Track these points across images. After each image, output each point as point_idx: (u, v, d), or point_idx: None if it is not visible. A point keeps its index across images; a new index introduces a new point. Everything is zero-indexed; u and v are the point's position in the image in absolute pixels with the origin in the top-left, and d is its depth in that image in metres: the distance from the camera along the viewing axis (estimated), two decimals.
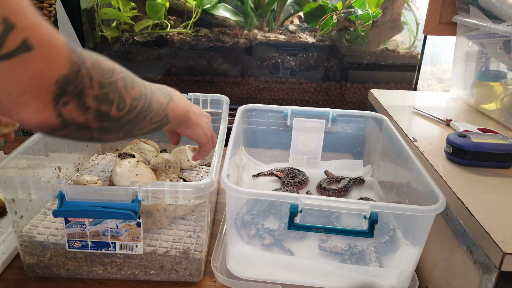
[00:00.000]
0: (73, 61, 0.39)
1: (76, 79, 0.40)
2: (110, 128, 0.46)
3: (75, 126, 0.42)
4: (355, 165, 0.94)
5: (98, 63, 0.43)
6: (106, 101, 0.44)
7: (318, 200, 0.56)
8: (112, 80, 0.45)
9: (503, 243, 0.50)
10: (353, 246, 0.64)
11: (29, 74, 0.36)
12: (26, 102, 0.37)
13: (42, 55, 0.36)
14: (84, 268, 0.63)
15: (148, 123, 0.53)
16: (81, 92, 0.41)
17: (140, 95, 0.49)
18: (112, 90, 0.44)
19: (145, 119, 0.51)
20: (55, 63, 0.38)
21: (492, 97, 0.98)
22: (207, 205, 0.63)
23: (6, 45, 0.34)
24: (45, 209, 0.71)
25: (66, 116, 0.40)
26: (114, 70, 0.45)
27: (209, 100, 0.91)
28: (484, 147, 0.71)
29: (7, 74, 0.35)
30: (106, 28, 1.31)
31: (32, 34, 0.36)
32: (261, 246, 0.66)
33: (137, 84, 0.49)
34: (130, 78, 0.48)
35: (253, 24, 1.34)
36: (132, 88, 0.48)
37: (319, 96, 1.35)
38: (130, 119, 0.48)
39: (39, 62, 0.36)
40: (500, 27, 0.86)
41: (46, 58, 0.37)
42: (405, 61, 1.31)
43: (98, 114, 0.43)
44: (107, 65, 0.44)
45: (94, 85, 0.42)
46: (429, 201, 0.58)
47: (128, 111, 0.47)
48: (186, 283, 0.64)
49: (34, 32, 0.36)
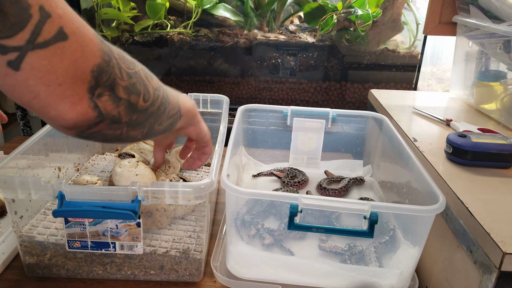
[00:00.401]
0: (104, 51, 0.39)
1: (108, 69, 0.40)
2: (137, 122, 0.46)
3: (109, 120, 0.41)
4: (355, 165, 0.94)
5: (122, 53, 0.43)
6: (134, 92, 0.43)
7: (318, 200, 0.56)
8: (136, 70, 0.45)
9: (503, 243, 0.50)
10: (353, 246, 0.64)
11: (66, 63, 0.36)
12: (64, 93, 0.36)
13: (77, 44, 0.36)
14: (84, 268, 0.63)
15: (166, 117, 0.52)
16: (113, 83, 0.40)
17: (159, 86, 0.49)
18: (138, 81, 0.44)
19: (165, 112, 0.51)
20: (89, 52, 0.37)
21: (492, 97, 0.98)
22: (207, 205, 0.63)
23: (43, 33, 0.34)
24: (45, 209, 0.71)
25: (101, 107, 0.40)
26: (134, 62, 0.46)
27: (209, 100, 0.91)
28: (484, 147, 0.71)
29: (45, 63, 0.35)
30: (106, 28, 1.31)
31: (66, 23, 0.35)
32: (261, 246, 0.66)
33: (154, 76, 0.49)
34: (147, 70, 0.48)
35: (253, 24, 1.34)
36: (152, 79, 0.48)
37: (319, 96, 1.35)
38: (153, 111, 0.48)
39: (74, 51, 0.36)
40: (500, 27, 0.86)
41: (81, 47, 0.37)
42: (405, 61, 1.31)
43: (128, 105, 0.43)
44: (129, 57, 0.45)
45: (123, 75, 0.42)
46: (429, 201, 0.58)
47: (152, 102, 0.47)
48: (186, 283, 0.64)
49: (68, 21, 0.36)
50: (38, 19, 0.33)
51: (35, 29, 0.33)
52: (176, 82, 1.36)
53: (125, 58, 0.43)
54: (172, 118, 0.55)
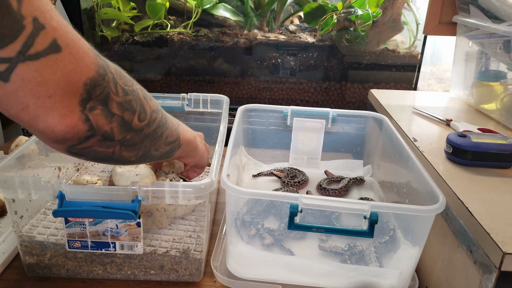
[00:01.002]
0: (100, 65, 0.39)
1: (102, 83, 0.39)
2: (132, 142, 0.45)
3: (101, 135, 0.41)
4: (355, 165, 0.94)
5: (119, 69, 0.43)
6: (129, 109, 0.43)
7: (318, 200, 0.56)
8: (133, 88, 0.44)
9: (503, 243, 0.50)
10: (353, 246, 0.64)
11: (58, 75, 0.35)
12: (54, 105, 0.36)
13: (71, 57, 0.36)
14: (84, 268, 0.63)
15: (164, 143, 0.52)
16: (107, 97, 0.40)
17: (157, 108, 0.48)
18: (134, 99, 0.44)
19: (162, 136, 0.50)
20: (83, 65, 0.37)
21: (492, 97, 0.98)
22: (207, 205, 0.63)
23: (35, 45, 0.34)
24: (45, 209, 0.71)
25: (93, 121, 0.39)
26: (133, 80, 0.45)
27: (209, 100, 0.91)
28: (484, 147, 0.71)
29: (36, 75, 0.34)
30: (106, 28, 1.31)
31: (60, 36, 0.35)
32: (261, 246, 0.66)
33: (153, 98, 0.49)
34: (146, 91, 0.47)
35: (253, 24, 1.34)
36: (151, 100, 0.48)
37: (319, 96, 1.35)
38: (149, 132, 0.47)
39: (67, 64, 0.36)
40: (500, 27, 0.86)
41: (74, 60, 0.36)
42: (405, 61, 1.31)
43: (122, 122, 0.42)
44: (126, 74, 0.44)
45: (118, 91, 0.41)
46: (429, 201, 0.58)
47: (148, 122, 0.46)
48: (186, 283, 0.64)
49: (62, 33, 0.35)
50: (30, 31, 0.33)
51: (27, 41, 0.33)
52: (176, 82, 1.36)
53: (123, 75, 0.43)
54: (170, 146, 0.54)
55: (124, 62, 1.32)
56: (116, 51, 1.31)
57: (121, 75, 0.42)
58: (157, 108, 0.48)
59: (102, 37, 1.32)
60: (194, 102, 0.91)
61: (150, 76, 1.35)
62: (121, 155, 0.45)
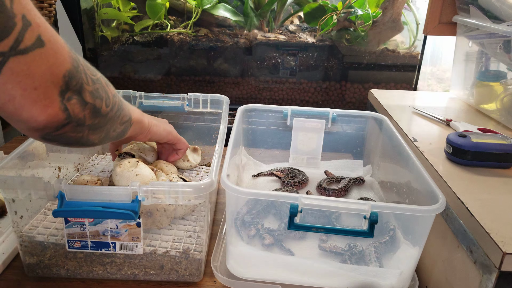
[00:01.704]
0: (73, 58, 0.42)
1: (77, 74, 0.42)
2: (98, 126, 0.48)
3: (75, 122, 0.44)
4: (355, 165, 0.94)
5: (85, 61, 0.46)
6: (98, 97, 0.46)
7: (318, 200, 0.56)
8: (98, 77, 0.48)
9: (503, 243, 0.50)
10: (353, 246, 0.64)
11: (43, 68, 0.38)
12: (38, 97, 0.39)
13: (52, 51, 0.39)
14: (84, 268, 0.63)
15: (119, 123, 0.55)
16: (81, 87, 0.43)
17: (115, 92, 0.52)
18: (100, 86, 0.47)
19: (119, 117, 0.54)
20: (62, 58, 0.40)
21: (492, 97, 0.98)
22: (207, 205, 0.63)
23: (24, 40, 0.36)
24: (45, 209, 0.71)
25: (70, 110, 0.42)
26: (95, 69, 0.48)
27: (209, 100, 0.91)
28: (484, 147, 0.71)
29: (25, 68, 0.37)
30: (106, 28, 1.31)
31: (43, 31, 0.38)
32: (261, 246, 0.66)
33: (109, 83, 0.52)
34: (105, 77, 0.51)
35: (253, 24, 1.34)
36: (110, 85, 0.51)
37: (319, 96, 1.35)
38: (112, 116, 0.51)
39: (50, 57, 0.38)
40: (500, 27, 0.86)
41: (55, 54, 0.39)
42: (405, 61, 1.31)
43: (93, 109, 0.45)
44: (90, 64, 0.47)
45: (89, 81, 0.44)
46: (429, 201, 0.58)
47: (112, 107, 0.50)
48: (186, 283, 0.64)
49: (44, 29, 0.38)
50: (21, 27, 0.36)
51: (18, 36, 0.36)
52: (176, 82, 1.36)
53: (89, 65, 0.46)
54: (123, 125, 0.57)
55: (124, 62, 1.32)
56: (116, 51, 1.31)
57: (88, 66, 0.46)
58: (115, 92, 0.52)
59: (102, 37, 1.32)
60: (194, 102, 0.91)
61: (150, 76, 1.35)
62: (88, 138, 0.48)
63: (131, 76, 1.34)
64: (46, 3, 1.04)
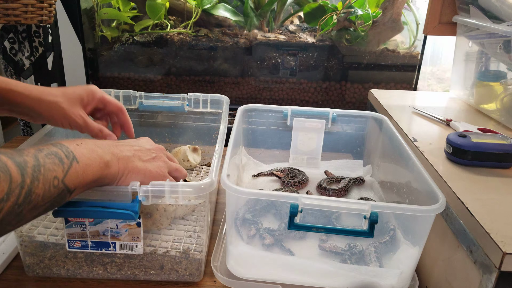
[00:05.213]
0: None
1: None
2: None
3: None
4: (355, 165, 0.94)
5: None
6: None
7: (318, 200, 0.56)
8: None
9: (503, 243, 0.50)
10: (353, 246, 0.64)
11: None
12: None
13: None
14: (84, 268, 0.63)
15: (34, 210, 0.44)
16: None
17: (7, 193, 0.39)
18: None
19: (32, 203, 0.43)
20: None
21: (492, 97, 0.98)
22: (207, 205, 0.63)
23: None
24: None
25: None
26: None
27: (209, 100, 0.91)
28: (484, 147, 0.71)
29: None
30: (106, 28, 1.31)
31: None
32: (261, 246, 0.66)
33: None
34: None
35: (253, 24, 1.34)
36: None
37: (319, 96, 1.35)
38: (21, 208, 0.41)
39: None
40: (500, 27, 0.86)
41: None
42: (405, 61, 1.31)
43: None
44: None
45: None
46: (429, 201, 0.58)
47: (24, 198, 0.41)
48: (186, 283, 0.64)
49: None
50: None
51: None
52: (176, 82, 1.36)
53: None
54: (49, 202, 0.45)
55: (124, 62, 1.32)
56: (116, 51, 1.31)
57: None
58: (7, 193, 0.39)
59: (102, 37, 1.32)
60: (194, 102, 0.91)
61: (150, 76, 1.35)
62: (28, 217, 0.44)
63: (131, 76, 1.34)
64: (46, 3, 1.04)
